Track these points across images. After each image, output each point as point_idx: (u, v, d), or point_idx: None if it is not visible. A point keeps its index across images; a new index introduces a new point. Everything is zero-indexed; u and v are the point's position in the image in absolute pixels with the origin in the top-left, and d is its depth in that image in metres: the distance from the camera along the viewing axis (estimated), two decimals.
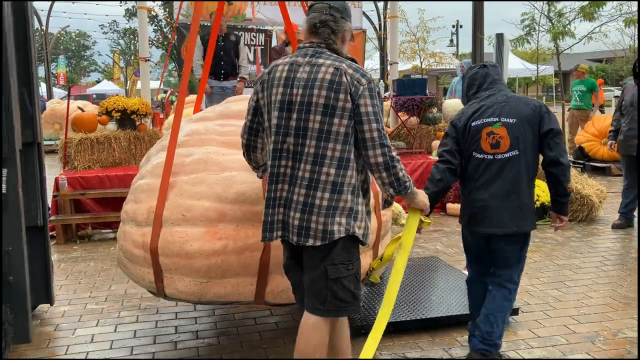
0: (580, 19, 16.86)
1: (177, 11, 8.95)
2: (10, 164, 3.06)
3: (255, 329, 3.70)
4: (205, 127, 3.25)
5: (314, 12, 2.43)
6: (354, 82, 2.30)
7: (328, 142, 2.31)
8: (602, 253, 5.29)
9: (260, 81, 2.50)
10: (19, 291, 3.14)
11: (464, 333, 3.49)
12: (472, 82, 3.17)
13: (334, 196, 2.33)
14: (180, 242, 2.85)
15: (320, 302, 2.40)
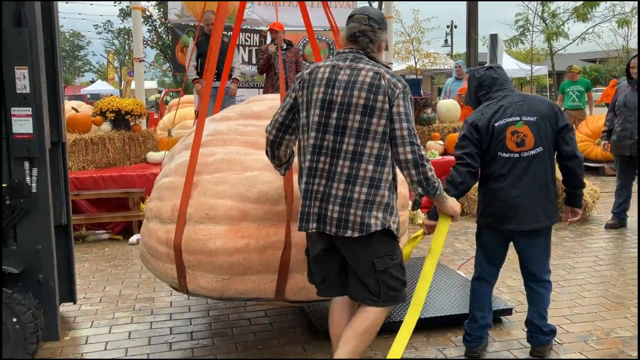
0: (574, 20, 16.96)
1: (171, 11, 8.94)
2: (40, 164, 3.10)
3: (250, 329, 3.71)
4: (227, 127, 3.31)
5: (354, 22, 2.60)
6: (391, 85, 2.49)
7: (367, 140, 2.48)
8: (595, 253, 5.32)
9: (299, 80, 2.64)
10: (48, 289, 3.18)
11: (458, 333, 3.51)
12: (480, 84, 3.21)
13: (372, 191, 2.49)
14: (203, 239, 2.92)
15: (375, 295, 2.58)
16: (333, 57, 2.65)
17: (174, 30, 8.85)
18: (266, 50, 7.42)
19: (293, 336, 3.59)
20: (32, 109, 3.02)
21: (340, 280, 2.70)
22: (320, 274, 2.72)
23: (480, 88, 3.22)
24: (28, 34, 2.99)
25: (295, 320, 3.85)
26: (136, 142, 7.23)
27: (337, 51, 2.68)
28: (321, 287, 2.75)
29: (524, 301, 4.02)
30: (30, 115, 3.02)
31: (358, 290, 2.61)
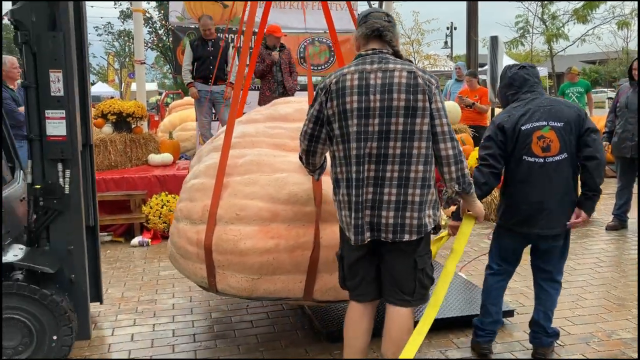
0: (574, 22, 16.98)
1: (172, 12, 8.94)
2: (73, 165, 3.14)
3: (252, 331, 3.71)
4: (255, 129, 3.34)
5: (374, 19, 2.58)
6: (426, 82, 2.47)
7: (413, 141, 2.46)
8: (596, 255, 5.33)
9: (324, 91, 2.57)
10: (79, 290, 3.21)
11: (460, 335, 3.52)
12: (511, 83, 3.21)
13: (424, 191, 2.49)
14: (234, 240, 2.97)
15: (409, 294, 2.58)
16: (355, 61, 2.58)
17: (175, 32, 8.86)
18: (268, 56, 7.40)
19: (295, 338, 3.60)
20: (65, 111, 3.07)
21: (376, 284, 2.68)
22: (357, 280, 2.68)
23: (510, 87, 3.22)
24: (62, 37, 3.03)
25: (297, 322, 3.85)
26: (137, 144, 7.25)
27: (359, 54, 2.61)
28: (356, 292, 2.70)
29: (525, 303, 4.05)
30: (64, 118, 3.07)
31: (391, 292, 2.61)
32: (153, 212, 6.15)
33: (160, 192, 6.37)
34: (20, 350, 2.94)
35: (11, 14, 3.00)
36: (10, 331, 2.92)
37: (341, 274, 2.75)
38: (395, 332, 2.58)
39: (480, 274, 4.76)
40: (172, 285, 4.68)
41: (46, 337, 2.96)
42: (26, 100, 3.08)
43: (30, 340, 2.95)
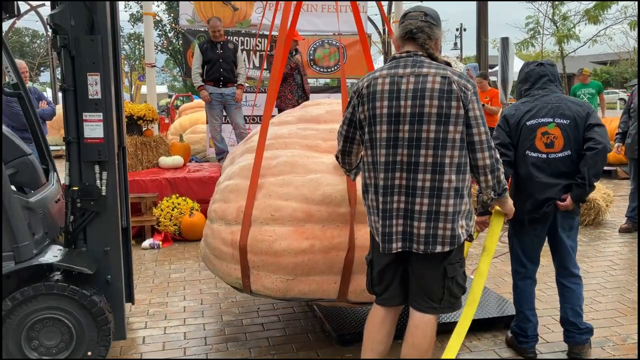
0: (585, 22, 16.85)
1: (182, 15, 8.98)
2: (110, 167, 3.17)
3: (263, 334, 3.70)
4: (288, 131, 3.36)
5: (410, 19, 2.48)
6: (462, 88, 2.36)
7: (445, 149, 2.36)
8: (609, 257, 5.27)
9: (357, 94, 2.52)
10: (116, 290, 3.24)
11: (472, 339, 3.49)
12: (526, 79, 3.25)
13: (457, 201, 2.40)
14: (269, 240, 2.98)
15: (436, 302, 2.51)
16: (389, 64, 2.50)
17: (185, 35, 8.90)
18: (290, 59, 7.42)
19: (306, 341, 3.58)
20: (102, 114, 3.10)
21: (402, 289, 2.63)
22: (384, 285, 2.64)
23: (524, 82, 3.26)
24: (100, 40, 3.06)
25: (308, 325, 3.84)
26: (148, 147, 7.28)
27: (393, 56, 2.52)
28: (383, 297, 2.66)
29: (538, 306, 3.99)
30: (102, 121, 3.10)
31: (419, 298, 2.54)
32: (164, 215, 6.17)
33: (171, 195, 6.39)
34: (59, 350, 2.98)
35: (51, 18, 3.05)
36: (50, 330, 2.96)
37: (369, 278, 2.71)
38: (419, 339, 2.53)
39: (490, 276, 4.73)
40: (183, 287, 4.68)
41: (85, 337, 2.99)
42: (64, 103, 3.12)
43: (69, 340, 2.98)
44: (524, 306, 3.25)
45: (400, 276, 2.61)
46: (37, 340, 2.93)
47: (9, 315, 2.87)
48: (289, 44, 3.32)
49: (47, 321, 2.95)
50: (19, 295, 2.86)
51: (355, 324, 3.59)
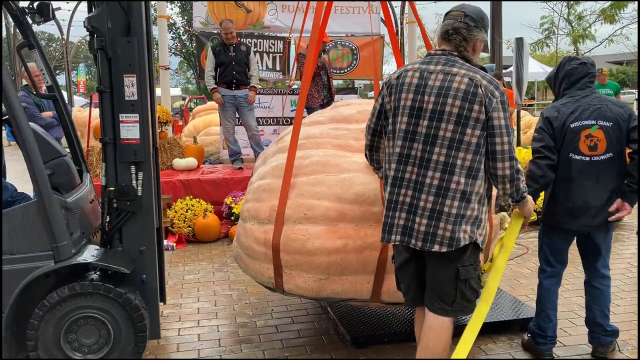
0: (601, 22, 16.68)
1: (195, 19, 9.03)
2: (146, 167, 3.21)
3: (277, 336, 3.72)
4: (319, 131, 3.40)
5: (449, 19, 2.49)
6: (488, 94, 2.35)
7: (459, 151, 2.37)
8: (627, 259, 5.22)
9: (387, 85, 2.56)
10: (150, 289, 3.28)
11: (487, 341, 3.49)
12: (567, 77, 3.20)
13: (462, 204, 2.39)
14: (302, 239, 3.01)
15: (448, 304, 2.51)
16: (423, 59, 2.53)
17: (199, 38, 8.96)
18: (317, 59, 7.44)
19: (320, 343, 3.59)
20: (139, 115, 3.14)
21: (422, 289, 2.64)
22: (405, 283, 2.68)
23: (565, 80, 3.21)
24: (136, 42, 3.11)
25: (322, 327, 3.84)
26: (162, 149, 7.34)
27: (429, 52, 2.57)
28: (407, 297, 2.71)
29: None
30: (138, 122, 3.14)
31: (432, 299, 2.56)
32: (178, 216, 6.21)
33: (185, 196, 6.45)
34: (97, 349, 3.03)
35: (88, 21, 3.11)
36: (88, 329, 3.01)
37: (395, 276, 2.76)
38: (432, 342, 2.54)
39: (506, 278, 4.68)
40: (197, 289, 4.69)
41: (122, 336, 3.04)
42: (101, 105, 3.18)
43: (107, 339, 3.03)
44: (546, 305, 3.25)
45: (418, 276, 2.63)
46: (75, 338, 3.00)
47: (48, 314, 2.93)
48: (319, 44, 3.33)
49: (86, 320, 3.01)
50: (59, 293, 2.94)
51: (369, 326, 3.59)
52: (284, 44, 9.46)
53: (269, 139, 8.67)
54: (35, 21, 3.44)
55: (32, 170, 2.91)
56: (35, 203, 2.93)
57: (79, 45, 30.81)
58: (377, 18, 10.02)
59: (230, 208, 6.40)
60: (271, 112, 8.79)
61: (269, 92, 9.07)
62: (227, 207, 6.47)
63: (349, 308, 3.88)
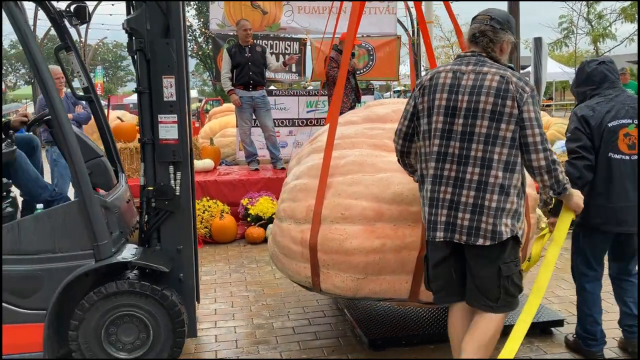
0: (622, 20, 16.47)
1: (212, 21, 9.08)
2: (184, 167, 3.27)
3: (294, 338, 3.74)
4: (354, 131, 3.45)
5: (476, 23, 2.63)
6: (518, 89, 2.48)
7: (495, 146, 2.48)
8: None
9: (419, 87, 2.67)
10: (188, 288, 3.33)
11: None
12: (590, 78, 3.23)
13: (502, 197, 2.50)
14: (339, 239, 3.04)
15: (493, 300, 2.59)
16: (454, 61, 2.68)
17: (215, 40, 9.03)
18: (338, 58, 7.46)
19: (338, 345, 3.60)
20: (177, 115, 3.20)
21: (460, 286, 2.70)
22: (440, 281, 2.72)
23: (588, 82, 3.24)
24: (175, 44, 3.16)
25: (339, 329, 3.84)
26: None
27: (459, 54, 2.70)
28: (440, 294, 2.75)
29: (574, 311, 3.90)
30: (176, 122, 3.20)
31: (476, 297, 2.63)
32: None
33: (202, 198, 6.51)
34: (136, 347, 3.08)
35: (127, 22, 3.19)
36: (128, 327, 3.07)
37: (425, 275, 2.79)
38: (479, 333, 2.59)
39: (527, 280, 4.62)
40: (214, 290, 4.72)
41: (161, 335, 3.09)
42: (139, 105, 3.23)
43: (146, 337, 3.09)
44: (592, 309, 3.26)
45: (457, 273, 2.68)
46: (116, 336, 3.07)
47: (89, 311, 3.01)
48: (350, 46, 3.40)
49: (127, 318, 3.07)
50: (101, 291, 3.00)
51: (386, 329, 3.59)
52: (299, 45, 9.47)
53: (284, 140, 8.70)
54: (72, 24, 3.51)
55: (74, 170, 2.99)
56: (76, 202, 3.01)
57: (97, 48, 31.16)
58: (393, 19, 9.99)
59: (246, 209, 6.44)
60: (287, 113, 8.82)
61: (285, 93, 9.09)
62: (243, 208, 6.51)
63: (366, 310, 3.88)
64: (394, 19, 10.02)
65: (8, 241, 2.93)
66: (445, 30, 17.77)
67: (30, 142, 3.73)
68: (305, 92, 9.57)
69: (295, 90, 9.58)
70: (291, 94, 9.15)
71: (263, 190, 6.76)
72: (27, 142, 3.68)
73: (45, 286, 2.95)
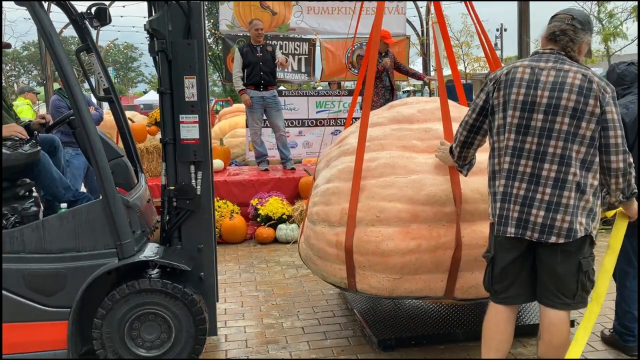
0: (633, 19, 16.32)
1: (221, 22, 9.11)
2: (204, 167, 3.31)
3: (303, 338, 3.77)
4: (382, 133, 3.47)
5: (556, 21, 2.61)
6: (601, 89, 2.48)
7: (574, 143, 2.48)
8: None
9: (494, 81, 2.65)
10: (208, 287, 3.37)
11: (517, 345, 3.49)
12: (622, 79, 3.35)
13: (578, 195, 2.50)
14: (375, 241, 3.09)
15: (570, 297, 2.58)
16: (530, 57, 2.64)
17: (225, 40, 9.06)
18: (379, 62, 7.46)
19: (347, 345, 3.61)
20: (198, 116, 3.22)
21: (528, 286, 2.69)
22: (508, 281, 2.69)
23: (619, 83, 3.33)
24: (196, 45, 3.19)
25: (348, 329, 3.86)
26: None
27: (535, 51, 2.68)
28: (505, 295, 2.71)
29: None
30: (197, 122, 3.22)
31: (551, 295, 2.60)
32: None
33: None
34: (158, 345, 3.13)
35: (149, 24, 3.21)
36: (150, 325, 3.12)
37: (488, 276, 2.76)
38: (557, 337, 2.59)
39: None
40: (224, 290, 4.73)
41: (183, 333, 3.13)
42: (161, 106, 3.27)
43: (168, 335, 3.12)
44: (632, 306, 3.33)
45: (525, 274, 2.66)
46: (139, 334, 3.11)
47: (112, 310, 3.05)
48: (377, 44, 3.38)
49: (149, 316, 3.11)
50: (124, 290, 3.05)
51: (395, 329, 3.59)
52: (309, 46, 9.48)
53: (294, 140, 8.71)
54: (93, 25, 3.54)
55: (98, 170, 3.03)
56: (100, 202, 3.06)
57: (107, 50, 31.34)
58: (403, 19, 9.97)
59: (256, 209, 6.46)
60: (296, 113, 8.83)
61: (294, 93, 9.09)
62: (253, 208, 6.53)
63: (375, 310, 3.88)
64: (403, 19, 10.00)
65: (33, 240, 2.98)
66: (454, 30, 17.70)
67: (52, 142, 3.79)
68: (314, 92, 9.57)
69: (305, 91, 9.58)
70: (300, 94, 9.16)
71: (273, 191, 6.79)
72: (48, 142, 3.74)
73: (70, 284, 2.99)
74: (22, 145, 3.24)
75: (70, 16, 3.56)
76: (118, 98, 3.89)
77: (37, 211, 3.26)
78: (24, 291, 2.97)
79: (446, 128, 3.19)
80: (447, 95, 3.24)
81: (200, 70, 3.21)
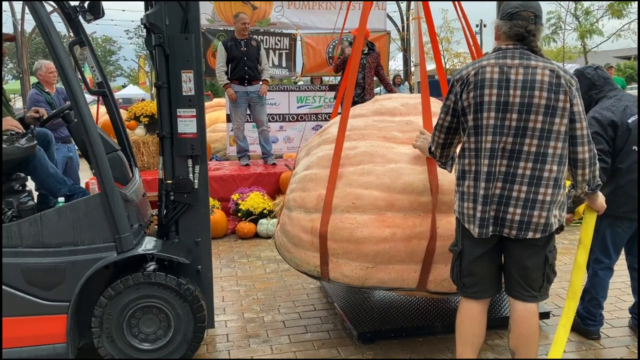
0: (609, 17, 16.59)
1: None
2: (202, 161, 3.34)
3: (284, 332, 3.84)
4: (364, 123, 3.53)
5: (521, 20, 2.57)
6: (567, 83, 2.54)
7: (549, 140, 2.51)
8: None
9: (460, 82, 2.64)
10: (206, 280, 3.41)
11: (493, 337, 3.53)
12: (593, 83, 3.52)
13: (555, 191, 2.55)
14: (350, 228, 3.10)
15: (537, 289, 2.67)
16: (495, 54, 2.62)
17: (205, 35, 9.01)
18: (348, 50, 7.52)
19: (327, 339, 3.66)
20: (196, 110, 3.26)
21: (496, 281, 2.77)
22: (476, 276, 2.74)
23: (593, 87, 3.52)
24: (193, 39, 3.22)
25: (329, 322, 3.88)
26: None
27: (498, 47, 2.65)
28: (474, 289, 2.75)
29: (560, 304, 3.98)
30: (195, 116, 3.26)
31: (519, 288, 2.67)
32: None
33: None
34: (157, 337, 3.15)
35: (146, 18, 3.24)
36: (149, 318, 3.14)
37: (456, 269, 2.80)
38: (526, 329, 2.66)
39: None
40: None
41: (181, 326, 3.17)
42: (158, 100, 3.30)
43: (167, 328, 3.15)
44: (599, 293, 3.53)
45: (493, 268, 2.73)
46: (137, 327, 3.14)
47: (111, 303, 3.08)
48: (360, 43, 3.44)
49: (148, 309, 3.14)
50: (123, 283, 3.07)
51: (375, 322, 3.64)
52: (290, 41, 9.47)
53: (275, 135, 8.73)
54: (86, 19, 3.52)
55: (96, 163, 3.06)
56: (98, 195, 3.09)
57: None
58: (383, 14, 10.01)
59: (237, 204, 6.47)
60: (277, 108, 8.84)
61: (275, 88, 9.09)
62: (234, 203, 6.54)
63: (355, 304, 3.92)
64: (383, 14, 10.07)
65: (31, 234, 3.00)
66: (435, 25, 17.82)
67: (45, 136, 3.81)
68: (295, 87, 9.56)
69: (286, 86, 9.57)
70: (281, 89, 9.15)
71: (254, 186, 6.80)
72: (42, 136, 3.76)
73: (68, 278, 3.01)
74: (19, 139, 3.25)
75: (63, 9, 3.58)
76: (112, 92, 3.92)
77: (35, 205, 3.28)
78: (22, 285, 2.98)
79: (426, 119, 3.25)
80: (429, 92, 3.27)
81: (198, 65, 3.26)
